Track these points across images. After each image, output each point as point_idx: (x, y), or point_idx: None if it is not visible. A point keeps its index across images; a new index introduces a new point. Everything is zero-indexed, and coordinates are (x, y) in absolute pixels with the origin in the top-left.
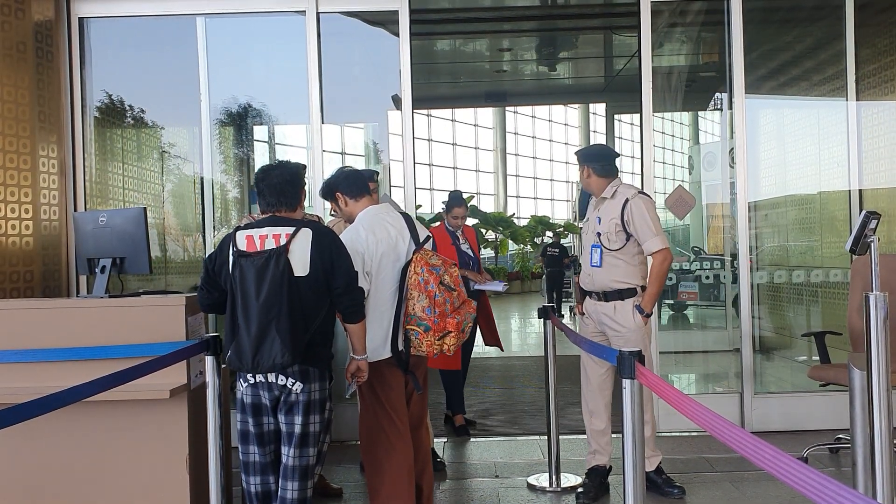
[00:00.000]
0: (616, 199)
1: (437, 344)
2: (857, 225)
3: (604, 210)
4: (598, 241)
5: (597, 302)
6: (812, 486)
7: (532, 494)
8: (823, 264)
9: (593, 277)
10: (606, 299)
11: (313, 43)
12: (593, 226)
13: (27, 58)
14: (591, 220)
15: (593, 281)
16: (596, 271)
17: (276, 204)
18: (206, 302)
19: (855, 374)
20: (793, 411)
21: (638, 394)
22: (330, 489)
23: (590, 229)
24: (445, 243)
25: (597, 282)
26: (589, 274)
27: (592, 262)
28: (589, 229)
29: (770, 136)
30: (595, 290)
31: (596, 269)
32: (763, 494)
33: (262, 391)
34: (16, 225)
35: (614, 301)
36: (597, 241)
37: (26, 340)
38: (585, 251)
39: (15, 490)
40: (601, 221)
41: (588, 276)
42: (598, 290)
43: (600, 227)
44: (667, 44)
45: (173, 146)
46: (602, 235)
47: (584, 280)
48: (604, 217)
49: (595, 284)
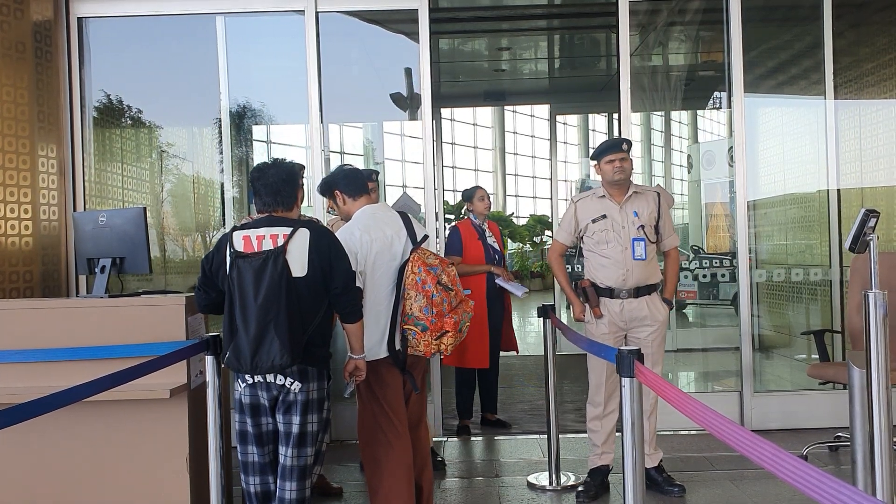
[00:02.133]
0: (647, 193)
1: (434, 344)
2: (857, 223)
3: (637, 204)
4: (641, 235)
5: (624, 300)
6: (811, 483)
7: (532, 493)
8: (807, 262)
9: (632, 273)
10: (637, 295)
11: (312, 42)
12: (628, 220)
13: (26, 57)
14: (616, 217)
15: (630, 277)
16: (638, 266)
17: (273, 203)
18: (203, 303)
19: (854, 372)
20: (792, 410)
21: (637, 392)
22: (330, 488)
23: (618, 225)
24: (472, 238)
25: (636, 277)
26: (627, 269)
27: (636, 255)
28: (615, 225)
29: (768, 135)
30: (627, 287)
31: (639, 262)
32: (763, 493)
33: (261, 391)
34: (15, 225)
35: (644, 297)
36: (640, 235)
37: (26, 340)
38: (613, 247)
39: (15, 490)
40: (638, 215)
41: (624, 271)
42: (633, 286)
43: (640, 220)
44: (665, 43)
45: (172, 145)
46: (645, 228)
47: (612, 278)
48: (641, 211)
49: (632, 280)
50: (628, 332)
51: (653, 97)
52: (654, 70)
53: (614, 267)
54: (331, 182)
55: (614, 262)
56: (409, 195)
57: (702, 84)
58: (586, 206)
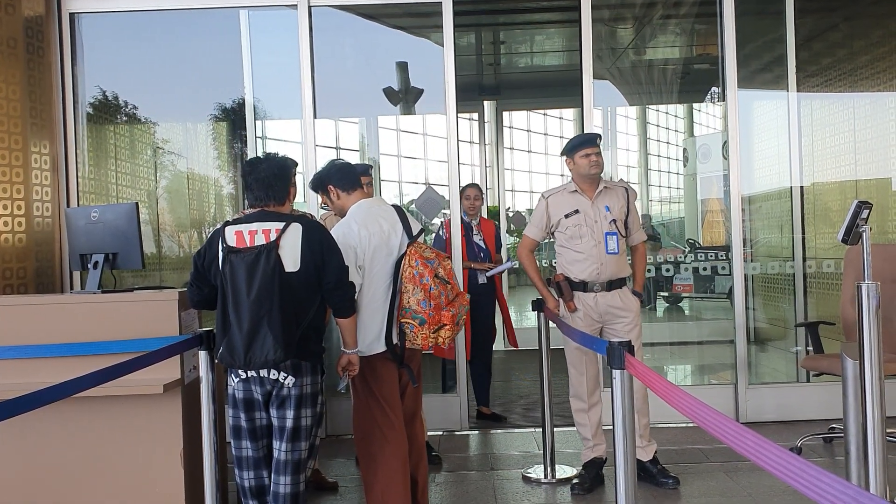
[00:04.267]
0: (616, 188)
1: (432, 337)
2: (849, 215)
3: (608, 199)
4: (614, 229)
5: (598, 293)
6: (795, 474)
7: (527, 486)
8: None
9: (605, 267)
10: (609, 289)
11: (305, 37)
12: (600, 215)
13: (18, 53)
14: (588, 212)
15: (604, 270)
16: (610, 259)
17: (265, 198)
18: (196, 298)
19: (848, 363)
20: (787, 402)
21: (628, 384)
22: (325, 483)
23: (591, 220)
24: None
25: (609, 271)
26: (601, 263)
27: (609, 249)
28: (588, 220)
29: (761, 129)
30: (601, 281)
31: (612, 256)
32: (757, 484)
33: (254, 386)
34: (8, 221)
35: (616, 290)
36: (612, 230)
37: (19, 336)
38: (587, 242)
39: (9, 486)
40: (610, 210)
41: (598, 265)
42: (606, 280)
43: (612, 214)
44: (660, 36)
45: (167, 142)
46: (617, 222)
47: (586, 272)
48: (612, 205)
49: (605, 274)
50: (604, 326)
51: (648, 91)
52: (651, 63)
53: (588, 261)
54: (323, 177)
55: (588, 257)
56: (433, 188)
57: (697, 78)
58: (557, 201)
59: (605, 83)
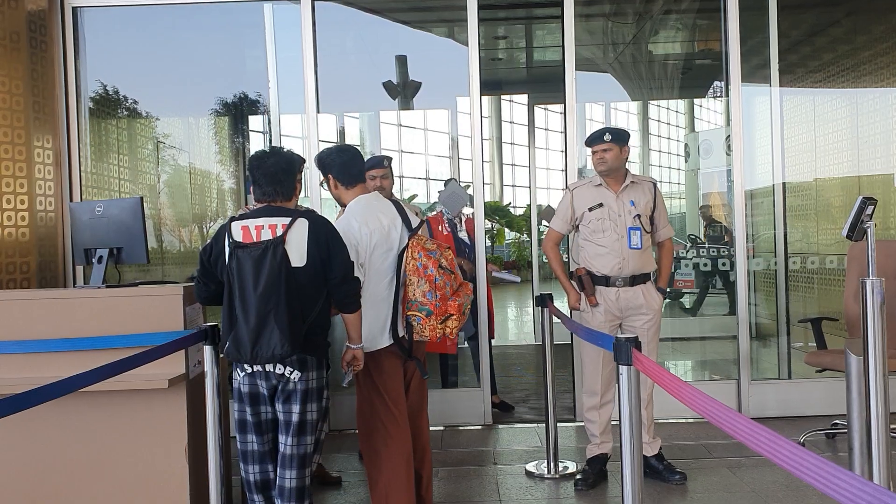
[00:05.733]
0: (643, 183)
1: (439, 328)
2: (854, 210)
3: (634, 194)
4: (637, 224)
5: (620, 288)
6: (807, 468)
7: (530, 481)
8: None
9: (628, 262)
10: (632, 284)
11: (308, 31)
12: (625, 209)
13: (21, 47)
14: (612, 206)
15: (627, 266)
16: (634, 255)
17: (272, 193)
18: (203, 294)
19: (851, 359)
20: (789, 398)
21: (635, 380)
22: (329, 478)
23: (615, 214)
24: (442, 231)
25: (632, 266)
26: (624, 258)
27: (632, 244)
28: (612, 214)
29: (765, 125)
30: (623, 276)
31: (635, 251)
32: (760, 479)
33: (260, 380)
34: (11, 216)
35: (639, 285)
36: (636, 224)
37: (23, 331)
38: (609, 236)
39: (13, 481)
40: (635, 204)
41: (621, 260)
42: (629, 275)
43: (637, 209)
44: (662, 31)
45: (168, 136)
46: (641, 217)
47: (609, 266)
48: (638, 201)
49: (628, 269)
50: (624, 321)
51: (650, 86)
52: (652, 58)
53: (610, 255)
54: (326, 163)
55: (610, 251)
56: (456, 182)
57: (699, 73)
58: (582, 194)
59: (606, 76)
